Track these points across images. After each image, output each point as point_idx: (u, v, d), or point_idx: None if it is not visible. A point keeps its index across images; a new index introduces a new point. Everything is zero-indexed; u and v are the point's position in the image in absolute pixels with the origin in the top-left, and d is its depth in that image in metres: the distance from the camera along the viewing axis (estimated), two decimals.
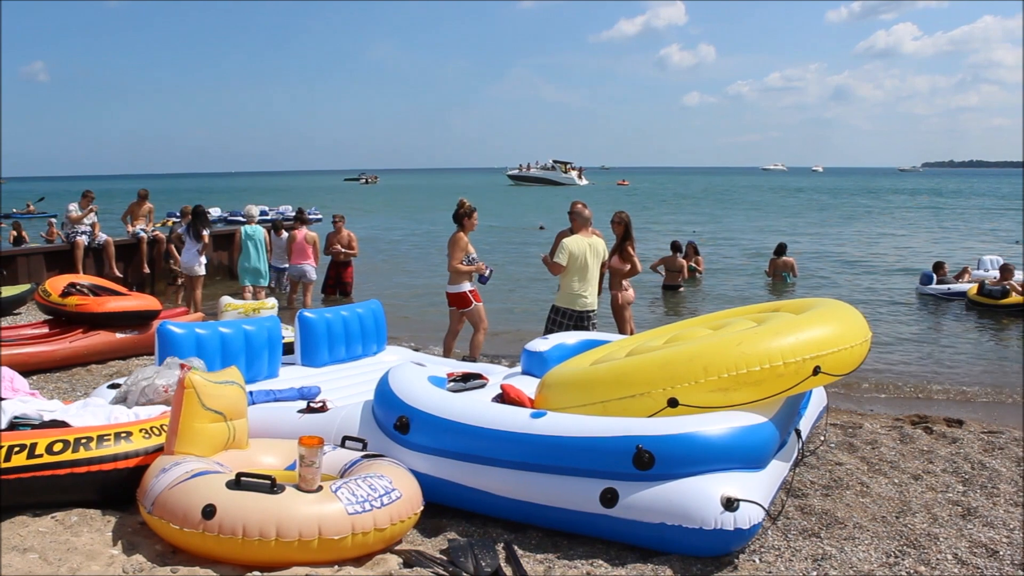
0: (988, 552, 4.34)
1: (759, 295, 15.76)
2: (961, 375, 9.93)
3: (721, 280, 17.85)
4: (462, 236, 8.53)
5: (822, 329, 4.64)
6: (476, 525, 4.56)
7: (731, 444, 4.20)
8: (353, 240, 14.31)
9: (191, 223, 12.20)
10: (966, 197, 66.84)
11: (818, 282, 17.89)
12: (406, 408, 4.72)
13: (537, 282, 16.02)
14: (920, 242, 28.10)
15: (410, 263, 21.49)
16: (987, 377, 9.90)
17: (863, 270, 20.38)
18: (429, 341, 10.72)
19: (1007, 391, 9.13)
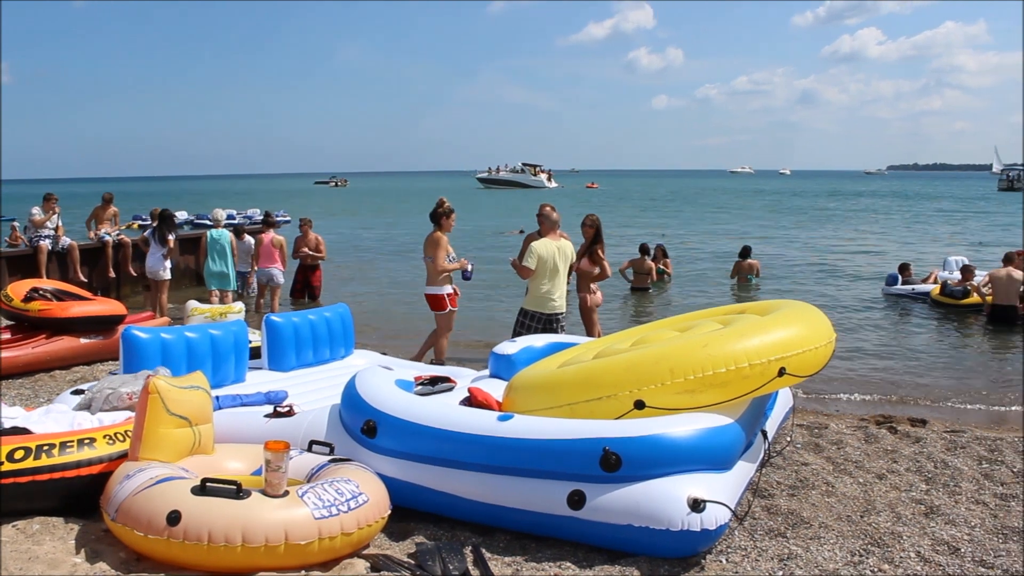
0: (950, 549, 4.41)
1: (726, 298, 15.86)
2: (925, 375, 10.04)
3: (689, 282, 17.93)
4: (443, 236, 8.51)
5: (787, 331, 4.69)
6: (444, 528, 4.56)
7: (697, 445, 4.22)
8: (320, 243, 14.23)
9: (156, 227, 12.08)
10: (931, 200, 67.67)
11: (783, 284, 18.02)
12: (373, 412, 4.70)
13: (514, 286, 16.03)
14: (886, 244, 28.44)
15: (379, 266, 21.40)
16: (950, 376, 10.03)
17: (829, 271, 20.59)
18: (398, 344, 10.69)
19: (970, 391, 9.26)
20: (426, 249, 8.55)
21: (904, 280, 15.77)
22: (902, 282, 15.75)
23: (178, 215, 33.52)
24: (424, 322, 10.33)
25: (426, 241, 8.59)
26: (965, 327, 13.00)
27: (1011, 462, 5.89)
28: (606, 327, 9.66)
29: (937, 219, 43.46)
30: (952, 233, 33.44)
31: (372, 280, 18.67)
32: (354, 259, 23.20)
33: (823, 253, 25.22)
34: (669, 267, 17.90)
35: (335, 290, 15.74)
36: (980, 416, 8.14)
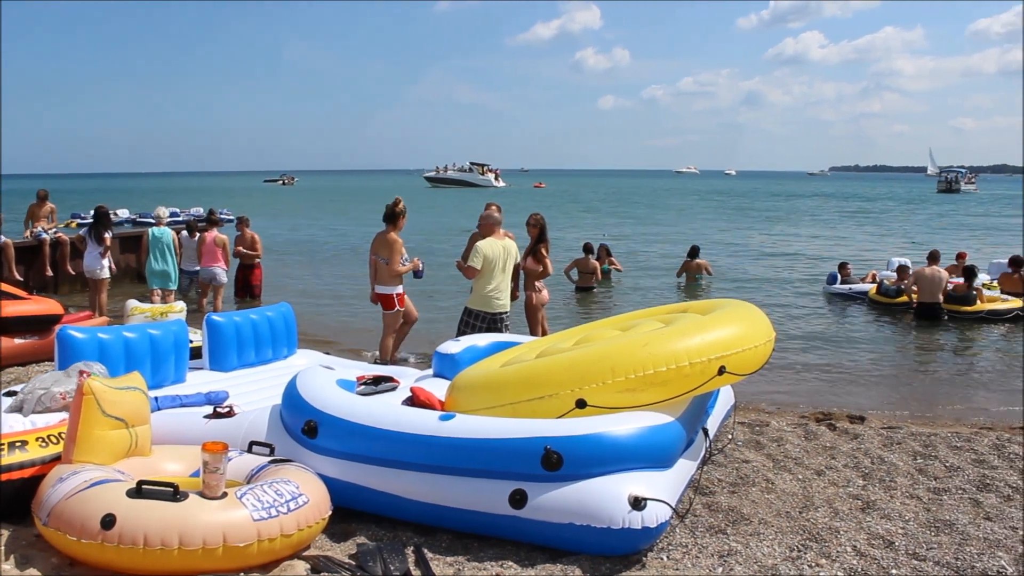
0: (885, 543, 4.50)
1: (672, 297, 15.99)
2: (864, 372, 10.22)
3: (636, 281, 18.03)
4: (397, 236, 8.49)
5: (727, 330, 4.74)
6: (386, 529, 4.53)
7: (638, 444, 4.25)
8: (256, 242, 14.01)
9: (92, 225, 11.84)
10: (873, 201, 68.97)
11: (730, 283, 18.20)
12: (314, 412, 4.67)
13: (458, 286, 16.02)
14: (828, 244, 28.94)
15: (324, 265, 21.21)
16: (886, 373, 10.23)
17: (773, 270, 20.89)
18: (343, 344, 10.63)
19: (905, 387, 9.46)
20: (379, 249, 8.49)
21: (843, 279, 16.09)
22: (841, 281, 16.08)
23: (119, 213, 33.01)
24: (372, 321, 10.29)
25: (379, 241, 8.53)
26: (897, 325, 13.30)
27: (944, 457, 6.03)
28: (553, 327, 9.68)
29: (879, 220, 44.35)
30: (892, 234, 34.11)
31: (318, 278, 18.50)
32: (300, 257, 22.99)
33: (766, 252, 25.57)
34: (617, 264, 17.97)
35: (280, 289, 15.59)
36: (914, 411, 8.31)
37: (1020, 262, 14.52)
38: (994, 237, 32.14)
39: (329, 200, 66.50)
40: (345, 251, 24.46)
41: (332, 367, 5.99)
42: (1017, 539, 4.59)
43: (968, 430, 7.05)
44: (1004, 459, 6.04)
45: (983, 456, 6.09)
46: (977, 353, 11.41)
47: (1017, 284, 14.14)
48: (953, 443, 6.41)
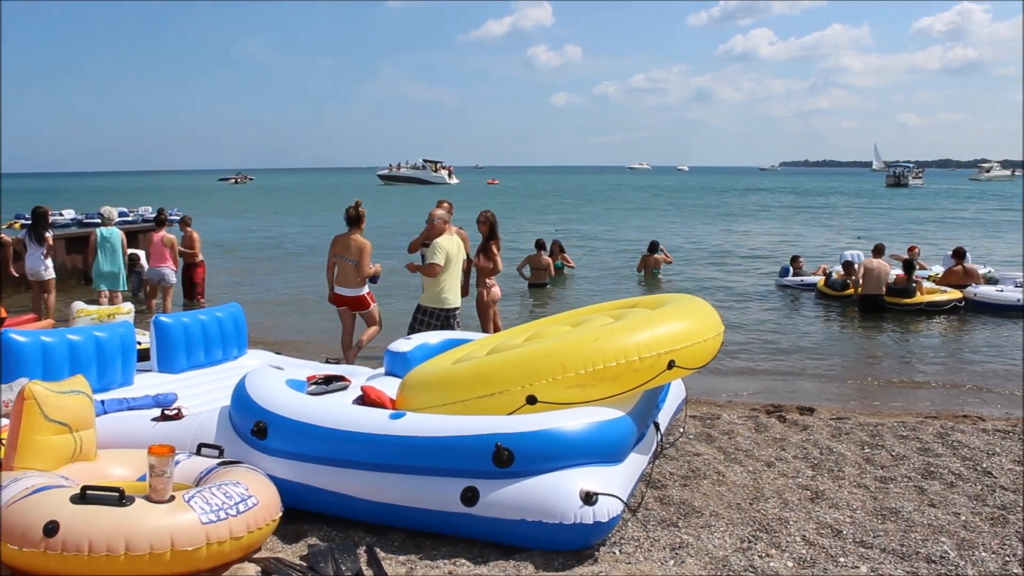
0: (833, 532, 4.57)
1: (627, 292, 16.08)
2: (814, 363, 10.38)
3: (590, 277, 18.12)
4: (365, 239, 8.52)
5: (676, 324, 4.78)
6: (338, 529, 4.50)
7: (589, 439, 4.27)
8: (195, 242, 13.84)
9: (31, 226, 11.61)
10: (824, 195, 70.05)
11: (686, 278, 18.36)
12: (263, 413, 4.63)
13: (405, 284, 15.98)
14: (781, 237, 29.34)
15: (276, 264, 21.00)
16: (835, 364, 10.40)
17: (727, 264, 21.14)
18: (294, 344, 10.55)
19: (852, 378, 9.62)
20: (344, 251, 8.44)
21: (795, 272, 16.33)
22: (792, 274, 16.32)
23: (65, 213, 32.42)
24: (328, 322, 10.22)
25: (343, 243, 8.47)
26: (844, 317, 13.55)
27: (890, 446, 6.13)
28: (505, 324, 9.69)
29: (832, 214, 45.10)
30: (846, 227, 34.68)
31: (271, 278, 18.32)
32: (251, 257, 22.77)
33: (720, 246, 25.85)
34: (570, 261, 18.01)
35: (229, 289, 15.46)
36: (862, 402, 8.45)
37: (962, 254, 14.82)
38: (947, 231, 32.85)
39: (280, 199, 65.93)
40: (296, 251, 24.24)
41: (282, 367, 5.94)
42: (959, 524, 4.70)
43: (914, 419, 7.19)
44: (948, 447, 6.15)
45: (928, 444, 6.20)
46: (921, 344, 11.63)
47: (960, 276, 14.44)
48: (899, 432, 6.52)
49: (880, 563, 4.21)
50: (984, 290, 13.77)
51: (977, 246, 23.06)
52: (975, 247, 21.77)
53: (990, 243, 26.74)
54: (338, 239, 8.55)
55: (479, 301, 8.93)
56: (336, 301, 8.68)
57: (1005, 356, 10.73)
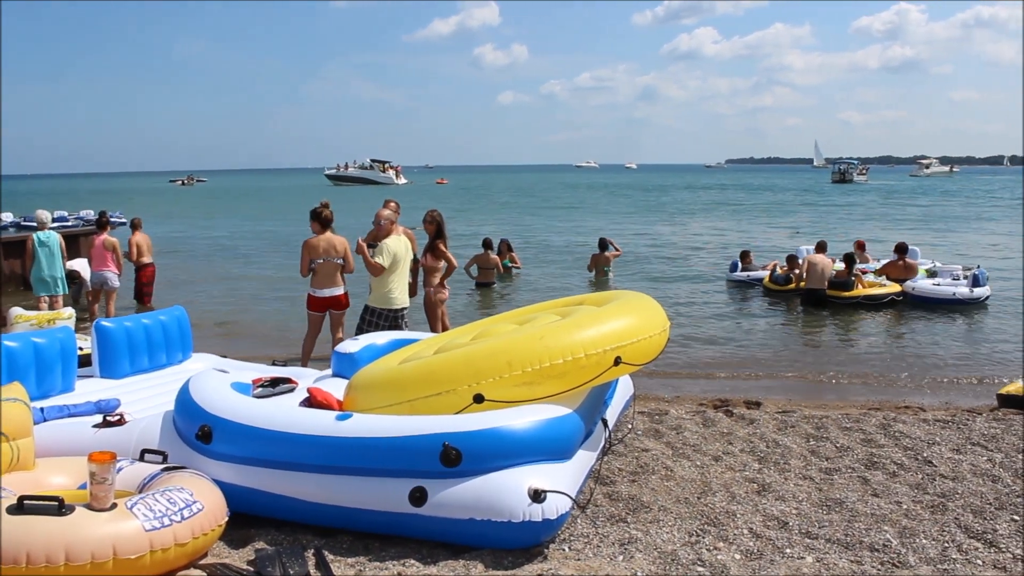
0: (779, 524, 4.64)
1: (575, 290, 16.14)
2: (760, 357, 10.52)
3: (537, 276, 18.13)
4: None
5: (622, 321, 4.80)
6: (286, 533, 4.46)
7: (537, 437, 4.28)
8: (143, 245, 13.58)
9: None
10: (773, 192, 71.03)
11: (637, 275, 18.50)
12: (208, 417, 4.56)
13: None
14: (731, 233, 29.72)
15: (224, 266, 20.73)
16: (781, 357, 10.55)
17: (677, 261, 21.33)
18: (243, 346, 10.44)
19: (799, 371, 9.76)
20: (335, 251, 8.38)
21: (744, 267, 16.54)
22: (741, 269, 16.52)
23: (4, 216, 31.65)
24: (273, 323, 10.17)
25: (333, 243, 8.39)
26: (788, 311, 13.79)
27: (835, 438, 6.23)
28: (453, 323, 9.68)
29: (780, 211, 45.73)
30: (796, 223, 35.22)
31: (217, 280, 18.09)
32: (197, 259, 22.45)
33: (670, 243, 26.09)
34: (517, 261, 17.99)
35: (176, 292, 15.28)
36: (808, 395, 8.59)
37: (904, 249, 15.10)
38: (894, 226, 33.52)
39: (227, 201, 65.05)
40: (243, 253, 23.94)
41: (227, 370, 5.86)
42: (901, 513, 4.79)
43: (857, 411, 7.32)
44: (890, 437, 6.28)
45: (871, 435, 6.31)
46: (864, 337, 11.84)
47: (901, 270, 14.72)
48: (843, 424, 6.62)
49: (825, 553, 4.28)
50: (921, 284, 14.09)
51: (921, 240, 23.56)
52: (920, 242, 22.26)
53: (933, 237, 27.31)
54: (317, 242, 8.36)
55: (427, 301, 8.90)
56: (320, 305, 8.49)
57: (943, 347, 11.01)
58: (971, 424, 6.66)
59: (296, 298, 13.29)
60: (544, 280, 17.46)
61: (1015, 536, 4.50)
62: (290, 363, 7.96)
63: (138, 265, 13.53)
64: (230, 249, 25.22)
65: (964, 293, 13.55)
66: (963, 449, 6.01)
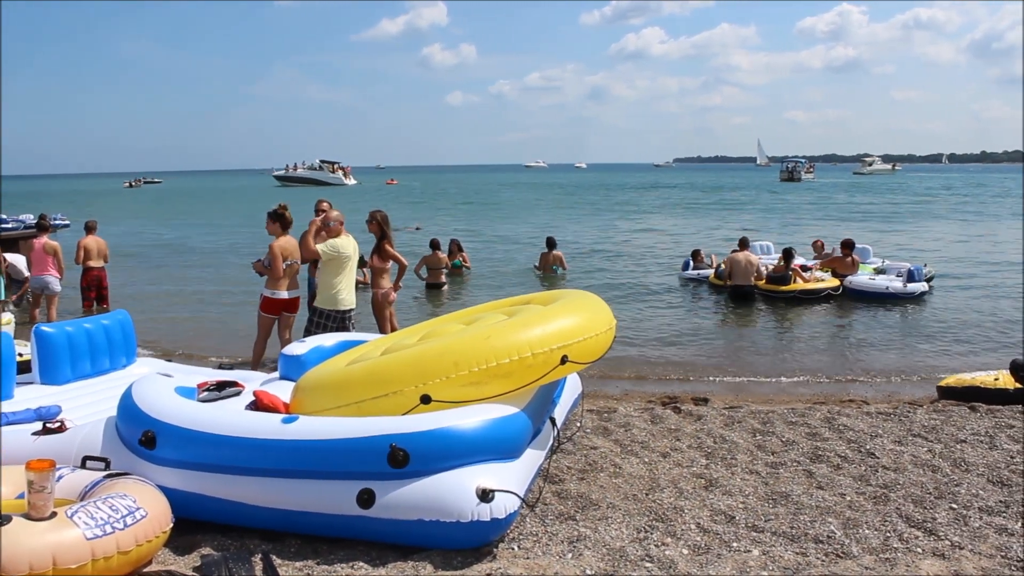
0: (727, 518, 4.70)
1: (524, 290, 16.16)
2: (707, 354, 10.64)
3: (487, 275, 18.10)
4: None
5: (568, 320, 4.82)
6: (232, 538, 4.41)
7: (484, 436, 4.28)
8: (91, 249, 13.34)
9: None
10: (726, 191, 71.77)
11: (587, 274, 18.57)
12: (151, 422, 4.49)
13: None
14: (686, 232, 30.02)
15: (172, 269, 20.37)
16: (730, 353, 10.68)
17: (629, 259, 21.46)
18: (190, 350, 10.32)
19: (746, 367, 9.89)
20: (295, 254, 8.30)
21: (695, 265, 16.74)
22: (693, 267, 16.72)
23: None
24: (246, 324, 10.01)
25: (294, 246, 8.31)
26: (738, 307, 13.93)
27: (780, 432, 6.32)
28: (402, 324, 9.64)
29: (733, 208, 46.44)
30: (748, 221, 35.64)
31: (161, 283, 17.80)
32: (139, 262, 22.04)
33: (623, 241, 26.26)
34: (467, 261, 17.94)
35: (136, 295, 15.18)
36: (753, 390, 8.70)
37: (850, 244, 15.36)
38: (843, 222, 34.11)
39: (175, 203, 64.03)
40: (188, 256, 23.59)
41: (171, 375, 5.78)
42: (845, 504, 4.88)
43: (803, 405, 7.43)
44: (834, 431, 6.38)
45: (816, 429, 6.41)
46: (809, 332, 12.02)
47: (847, 265, 14.97)
48: (789, 419, 6.72)
49: (771, 546, 4.34)
50: (857, 279, 14.40)
51: (867, 237, 24.01)
52: (867, 238, 22.70)
53: (881, 235, 27.78)
54: (284, 244, 8.31)
55: (374, 302, 8.85)
56: (275, 307, 8.38)
57: (883, 341, 11.23)
58: (912, 416, 6.80)
59: (244, 301, 13.18)
60: (494, 280, 17.43)
61: (953, 524, 4.61)
62: (237, 366, 7.89)
63: (89, 268, 13.26)
64: (178, 252, 24.82)
65: (898, 288, 13.87)
66: (904, 441, 6.14)
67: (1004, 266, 19.62)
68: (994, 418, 6.75)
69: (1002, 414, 6.87)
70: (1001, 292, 15.70)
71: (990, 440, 6.12)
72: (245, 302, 13.30)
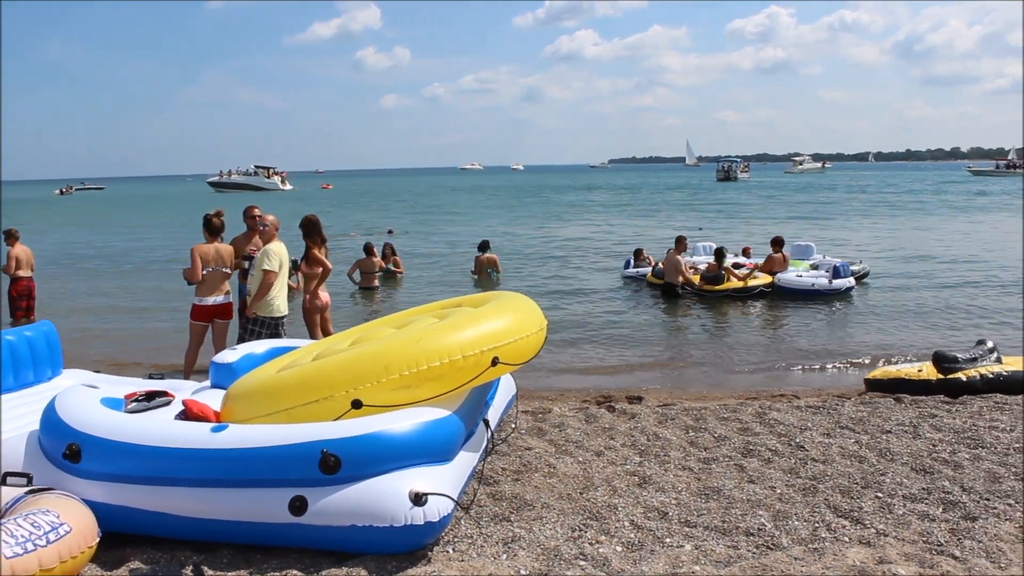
0: (660, 515, 4.75)
1: (458, 292, 16.11)
2: (643, 353, 10.74)
3: (422, 279, 18.00)
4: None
5: (499, 321, 4.84)
6: (162, 551, 4.32)
7: (416, 440, 4.27)
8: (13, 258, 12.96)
9: None
10: (662, 191, 72.54)
11: (522, 276, 18.61)
12: (76, 435, 4.38)
13: None
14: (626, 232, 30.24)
15: (101, 278, 19.90)
16: (666, 352, 10.80)
17: (569, 260, 21.57)
18: (120, 360, 10.11)
19: (681, 365, 10.03)
20: (224, 261, 8.19)
21: (636, 264, 16.92)
22: (634, 266, 16.89)
23: None
24: (178, 333, 9.81)
25: (223, 252, 8.21)
26: (675, 306, 14.10)
27: (713, 428, 6.41)
28: (337, 329, 9.57)
29: (671, 208, 46.82)
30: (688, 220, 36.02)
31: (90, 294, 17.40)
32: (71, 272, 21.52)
33: (565, 242, 26.37)
34: (400, 265, 17.81)
35: (64, 305, 14.91)
36: (688, 387, 8.81)
37: (780, 242, 15.62)
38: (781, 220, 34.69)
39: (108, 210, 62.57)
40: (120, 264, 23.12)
41: (97, 386, 5.64)
42: (775, 497, 4.97)
43: (735, 401, 7.55)
44: (765, 425, 6.49)
45: (747, 424, 6.52)
46: (743, 329, 12.23)
47: (778, 264, 15.23)
48: (721, 415, 6.81)
49: (703, 540, 4.40)
50: (785, 276, 14.68)
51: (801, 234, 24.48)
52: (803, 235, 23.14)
53: (819, 231, 28.30)
54: (207, 249, 8.17)
55: (304, 308, 8.76)
56: (205, 314, 8.25)
57: (812, 336, 11.45)
58: (840, 408, 6.94)
59: (178, 309, 12.93)
60: (429, 284, 17.35)
61: (878, 512, 4.73)
62: (168, 376, 7.74)
63: (13, 278, 12.87)
64: (110, 260, 24.29)
65: (823, 284, 14.18)
66: (833, 433, 6.27)
67: (927, 260, 20.19)
68: (918, 408, 6.93)
69: (925, 404, 7.06)
70: (924, 284, 16.15)
71: (914, 430, 6.28)
72: (178, 310, 13.06)
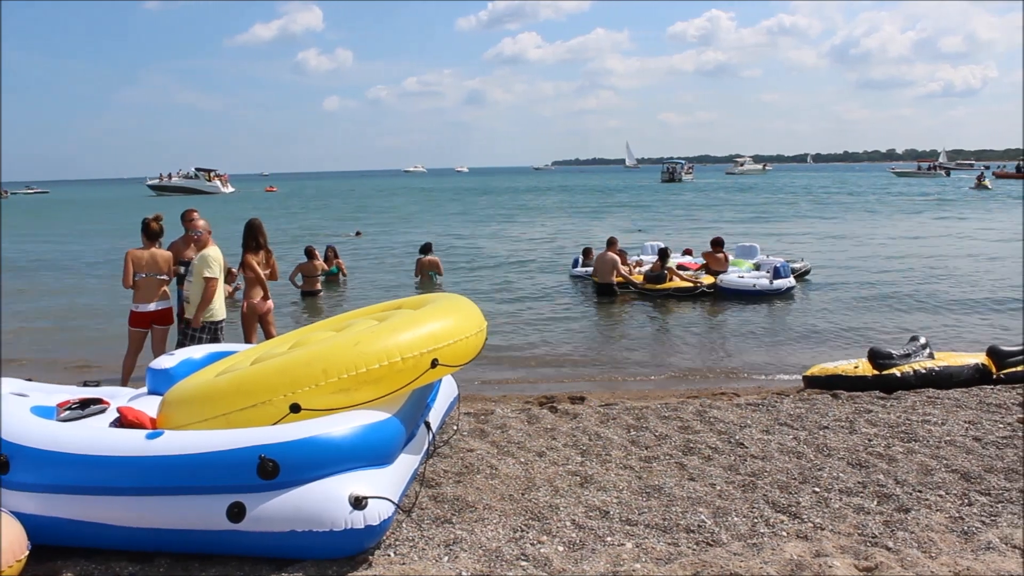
0: (601, 514, 4.78)
1: (400, 295, 16.03)
2: (584, 353, 10.79)
3: (364, 282, 17.86)
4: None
5: (438, 323, 4.83)
6: (96, 562, 4.23)
7: (356, 443, 4.24)
8: None
9: None
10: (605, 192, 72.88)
11: (467, 277, 18.57)
12: (3, 445, 4.27)
13: None
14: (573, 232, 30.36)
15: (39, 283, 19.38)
16: (607, 351, 10.86)
17: (514, 261, 21.59)
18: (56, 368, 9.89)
19: (623, 364, 10.09)
20: (158, 267, 8.02)
21: (585, 263, 17.00)
22: (583, 265, 16.98)
23: None
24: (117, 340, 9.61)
25: (157, 258, 8.03)
26: (618, 307, 14.18)
27: (654, 427, 6.46)
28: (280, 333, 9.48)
29: (619, 209, 47.31)
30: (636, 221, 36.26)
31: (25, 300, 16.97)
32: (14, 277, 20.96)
33: (513, 243, 26.40)
34: (343, 268, 17.62)
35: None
36: (629, 387, 8.87)
37: (720, 242, 15.82)
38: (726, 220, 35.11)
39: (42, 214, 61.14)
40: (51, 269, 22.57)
41: (27, 394, 5.50)
42: (715, 494, 5.03)
43: (676, 400, 7.61)
44: (705, 423, 6.56)
45: (688, 422, 6.58)
46: (685, 328, 12.33)
47: (722, 263, 15.43)
48: (662, 413, 6.87)
49: (644, 538, 4.44)
50: (727, 277, 14.87)
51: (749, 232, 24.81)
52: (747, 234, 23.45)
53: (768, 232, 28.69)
54: (141, 255, 8.01)
55: (243, 312, 8.65)
56: (142, 321, 8.08)
57: (753, 335, 11.61)
58: (779, 406, 7.05)
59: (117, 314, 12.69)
60: (372, 287, 17.22)
61: (815, 507, 4.82)
62: (104, 383, 7.58)
63: None
64: (46, 266, 23.70)
65: (764, 285, 14.38)
66: (772, 430, 6.36)
67: (869, 259, 20.57)
68: (854, 404, 7.07)
69: (861, 400, 7.20)
70: (864, 283, 16.45)
71: (850, 425, 6.41)
72: (118, 316, 12.81)
